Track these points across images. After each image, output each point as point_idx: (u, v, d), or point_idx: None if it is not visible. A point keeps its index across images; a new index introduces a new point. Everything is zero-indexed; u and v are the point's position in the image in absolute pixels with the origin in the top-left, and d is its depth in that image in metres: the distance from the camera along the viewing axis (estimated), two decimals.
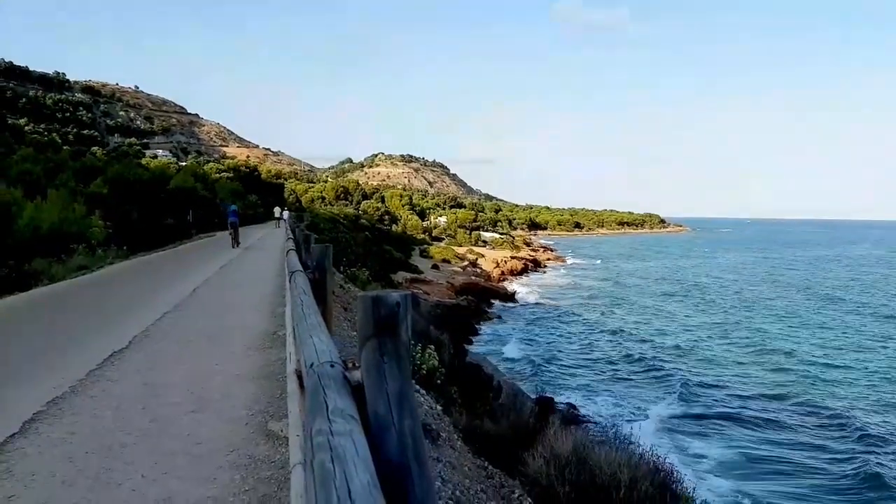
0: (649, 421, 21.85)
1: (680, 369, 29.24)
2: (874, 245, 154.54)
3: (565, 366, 30.31)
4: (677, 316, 45.66)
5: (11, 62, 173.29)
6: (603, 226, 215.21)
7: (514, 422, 10.65)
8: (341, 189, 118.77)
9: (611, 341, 35.95)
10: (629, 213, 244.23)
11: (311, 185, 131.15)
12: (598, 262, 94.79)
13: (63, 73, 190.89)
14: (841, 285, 64.24)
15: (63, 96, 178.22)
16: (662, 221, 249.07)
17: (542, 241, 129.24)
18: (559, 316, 45.33)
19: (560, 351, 33.63)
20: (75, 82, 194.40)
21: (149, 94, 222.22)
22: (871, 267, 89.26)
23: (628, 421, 20.67)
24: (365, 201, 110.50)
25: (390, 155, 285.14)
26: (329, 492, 1.00)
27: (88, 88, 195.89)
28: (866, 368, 29.48)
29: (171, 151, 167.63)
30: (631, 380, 27.70)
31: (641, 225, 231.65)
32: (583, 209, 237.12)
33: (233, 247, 24.22)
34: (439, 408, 9.44)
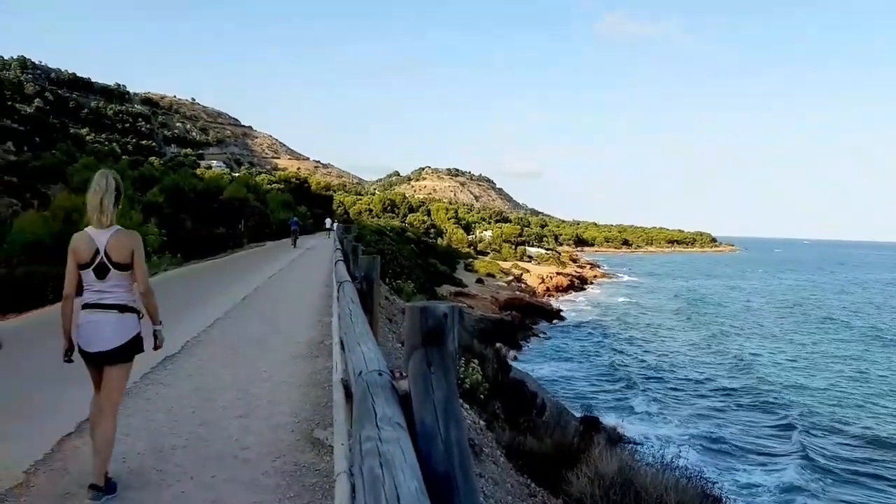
0: (699, 445, 21.26)
1: (738, 393, 28.36)
2: None
3: (612, 385, 29.78)
4: (729, 338, 44.41)
5: (75, 73, 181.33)
6: (652, 244, 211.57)
7: (558, 440, 10.51)
8: (388, 202, 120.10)
9: (660, 361, 35.17)
10: (679, 231, 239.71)
11: (359, 197, 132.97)
12: (647, 280, 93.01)
13: (124, 85, 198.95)
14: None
15: (123, 107, 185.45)
16: (714, 240, 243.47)
17: (588, 258, 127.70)
18: (605, 334, 44.62)
19: (606, 369, 33.06)
20: (135, 94, 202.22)
21: (205, 107, 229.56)
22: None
23: (676, 443, 20.16)
24: (411, 214, 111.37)
25: (436, 168, 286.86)
26: (378, 496, 1.01)
27: (147, 100, 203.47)
28: None
29: (224, 162, 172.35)
30: (681, 402, 27.01)
31: (692, 243, 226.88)
32: (631, 226, 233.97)
33: (293, 246, 31.35)
34: (482, 422, 9.40)
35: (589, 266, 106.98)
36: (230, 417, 5.55)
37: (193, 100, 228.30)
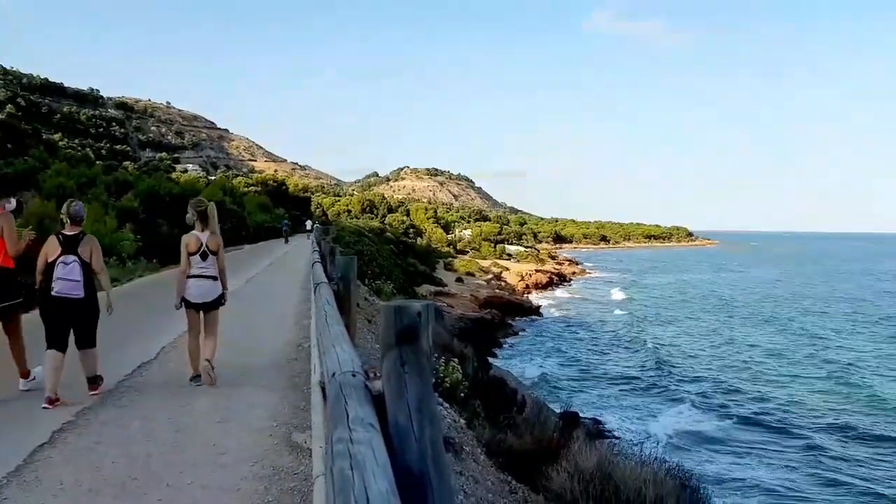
0: (677, 437, 21.51)
1: (712, 385, 28.71)
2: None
3: (590, 380, 30.01)
4: (706, 331, 44.98)
5: (47, 79, 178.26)
6: (629, 239, 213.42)
7: (538, 436, 10.56)
8: (367, 202, 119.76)
9: (638, 356, 35.49)
10: (656, 226, 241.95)
11: (338, 198, 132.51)
12: (625, 275, 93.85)
13: (97, 90, 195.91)
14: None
15: (97, 112, 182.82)
16: (690, 235, 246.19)
17: (567, 255, 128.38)
18: (584, 330, 44.94)
19: (585, 365, 33.31)
20: (109, 98, 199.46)
21: (180, 110, 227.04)
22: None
23: (655, 437, 20.37)
24: (390, 214, 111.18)
25: (416, 168, 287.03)
26: (347, 498, 1.01)
27: (122, 104, 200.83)
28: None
29: (200, 166, 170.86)
30: (659, 395, 27.29)
31: (669, 238, 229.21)
32: (609, 222, 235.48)
33: (285, 242, 37.84)
34: (462, 421, 9.41)
35: (568, 263, 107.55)
36: (208, 423, 5.50)
37: (168, 103, 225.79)
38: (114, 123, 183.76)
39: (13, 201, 6.72)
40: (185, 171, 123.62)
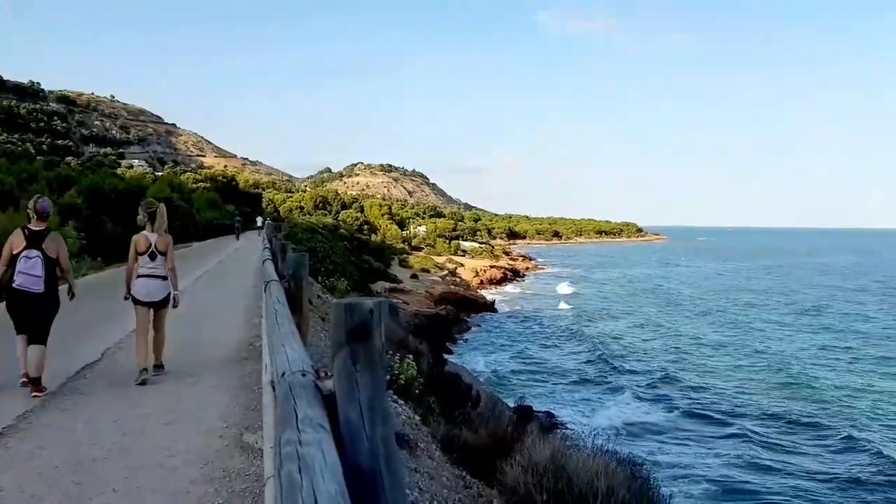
0: (626, 428, 21.98)
1: (656, 377, 29.49)
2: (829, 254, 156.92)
3: (544, 374, 30.41)
4: (652, 323, 46.11)
5: None
6: (581, 235, 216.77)
7: (492, 430, 10.63)
8: (320, 199, 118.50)
9: (589, 349, 36.12)
10: (607, 222, 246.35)
11: (290, 194, 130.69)
12: (576, 270, 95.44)
13: (38, 83, 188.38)
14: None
15: (38, 106, 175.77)
16: (640, 230, 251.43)
17: (521, 251, 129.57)
18: (536, 324, 45.49)
19: (539, 359, 33.73)
20: (50, 92, 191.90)
21: (125, 104, 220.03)
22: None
23: (605, 428, 20.76)
24: (344, 211, 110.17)
25: (369, 164, 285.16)
26: (295, 502, 0.99)
27: (64, 98, 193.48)
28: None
29: (147, 161, 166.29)
30: (607, 387, 27.84)
31: (619, 234, 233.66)
32: (561, 218, 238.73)
33: (236, 239, 38.60)
34: (417, 418, 9.41)
35: (521, 258, 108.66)
36: (156, 425, 5.37)
37: (113, 97, 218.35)
38: (55, 118, 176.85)
39: None
40: (131, 166, 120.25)
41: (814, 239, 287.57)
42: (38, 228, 6.34)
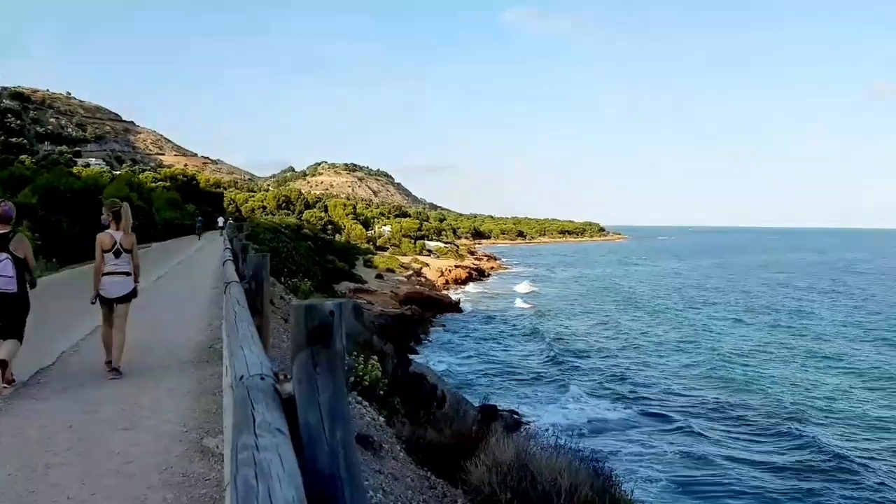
0: (591, 425, 22.25)
1: (613, 373, 29.99)
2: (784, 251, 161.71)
3: (508, 373, 30.57)
4: (607, 321, 46.86)
5: None
6: (545, 234, 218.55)
7: (457, 430, 10.66)
8: (283, 198, 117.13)
9: (554, 348, 36.42)
10: (570, 221, 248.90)
11: (252, 194, 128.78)
12: (539, 270, 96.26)
13: None
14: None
15: None
16: (602, 230, 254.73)
17: (485, 250, 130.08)
18: (502, 323, 45.72)
19: (503, 358, 33.90)
20: (3, 88, 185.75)
21: (81, 101, 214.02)
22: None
23: (570, 426, 20.98)
24: (307, 211, 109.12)
25: (333, 164, 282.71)
26: None
27: (17, 95, 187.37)
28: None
29: (104, 160, 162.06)
30: (572, 384, 28.11)
31: (582, 233, 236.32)
32: (525, 218, 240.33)
33: (198, 239, 38.41)
34: (382, 419, 9.37)
35: (486, 258, 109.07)
36: (112, 430, 5.24)
37: (69, 94, 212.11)
38: (9, 115, 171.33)
39: None
40: (88, 165, 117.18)
41: (775, 239, 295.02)
42: (3, 231, 6.59)
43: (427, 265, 77.75)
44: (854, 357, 33.60)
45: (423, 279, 66.43)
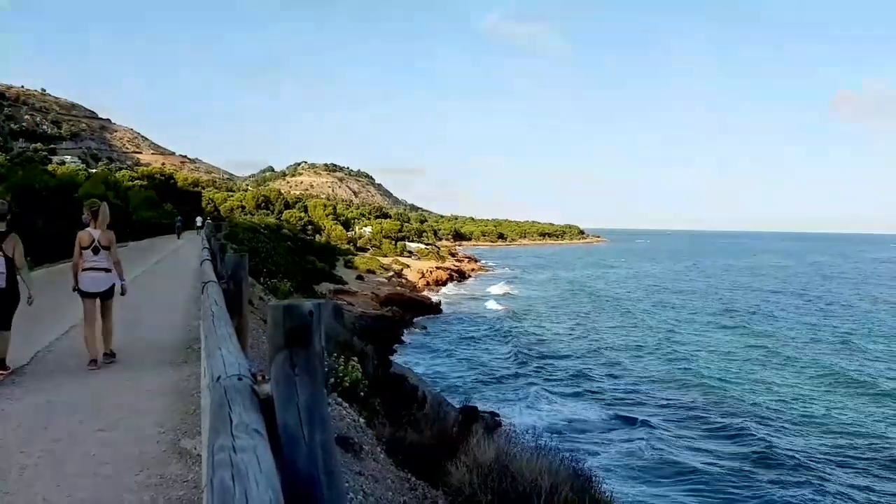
0: (571, 426, 22.35)
1: (597, 374, 30.17)
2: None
3: (489, 374, 30.60)
4: (580, 323, 47.21)
5: None
6: (525, 237, 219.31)
7: (437, 432, 10.64)
8: (262, 198, 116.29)
9: (534, 349, 36.54)
10: (550, 224, 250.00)
11: (231, 193, 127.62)
12: (521, 272, 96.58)
13: None
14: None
15: None
16: (582, 232, 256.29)
17: (466, 252, 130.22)
18: (483, 325, 45.76)
19: (484, 359, 33.93)
20: None
21: (56, 98, 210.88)
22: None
23: (550, 426, 21.07)
24: (287, 211, 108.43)
25: (313, 164, 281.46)
26: None
27: None
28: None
29: (80, 158, 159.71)
30: (552, 385, 28.24)
31: (562, 236, 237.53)
32: (506, 220, 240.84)
33: (177, 238, 38.86)
34: (362, 420, 9.34)
35: (467, 260, 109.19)
36: (88, 431, 5.16)
37: (44, 90, 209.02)
38: None
39: None
40: (63, 162, 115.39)
41: (750, 241, 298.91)
42: None
43: (408, 266, 77.59)
44: (818, 360, 34.08)
45: (403, 280, 66.29)
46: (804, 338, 41.11)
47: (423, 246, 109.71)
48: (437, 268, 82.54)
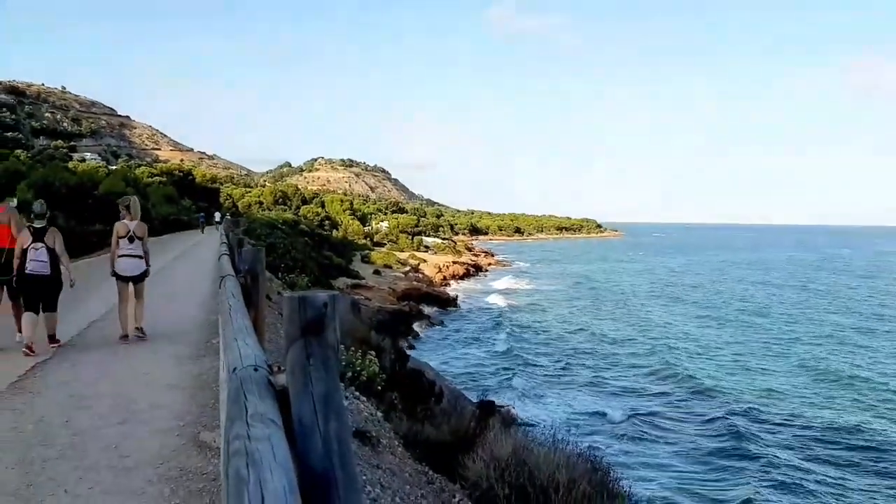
0: (590, 421, 22.27)
1: (618, 370, 30.02)
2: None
3: (507, 368, 30.55)
4: (609, 317, 46.94)
5: None
6: (542, 231, 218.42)
7: (454, 426, 10.64)
8: (280, 193, 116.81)
9: (552, 343, 36.47)
10: (567, 218, 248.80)
11: (249, 189, 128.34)
12: (538, 266, 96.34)
13: None
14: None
15: None
16: (599, 226, 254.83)
17: (483, 246, 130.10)
18: (500, 319, 45.67)
19: (501, 353, 33.89)
20: None
21: (76, 95, 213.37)
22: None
23: (569, 422, 20.99)
24: (304, 206, 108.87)
25: (330, 159, 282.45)
26: (241, 499, 0.96)
27: (12, 89, 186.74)
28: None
29: (100, 155, 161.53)
30: (571, 381, 28.15)
31: (579, 230, 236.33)
32: (523, 214, 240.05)
33: (201, 232, 40.05)
34: (380, 414, 9.37)
35: (484, 254, 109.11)
36: (108, 425, 5.22)
37: (64, 88, 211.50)
38: (4, 109, 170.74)
39: (15, 201, 10.19)
40: (83, 159, 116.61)
41: (762, 235, 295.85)
42: (39, 226, 8.11)
43: (424, 261, 77.69)
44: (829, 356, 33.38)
45: (420, 275, 66.39)
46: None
47: (439, 240, 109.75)
48: (454, 262, 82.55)
